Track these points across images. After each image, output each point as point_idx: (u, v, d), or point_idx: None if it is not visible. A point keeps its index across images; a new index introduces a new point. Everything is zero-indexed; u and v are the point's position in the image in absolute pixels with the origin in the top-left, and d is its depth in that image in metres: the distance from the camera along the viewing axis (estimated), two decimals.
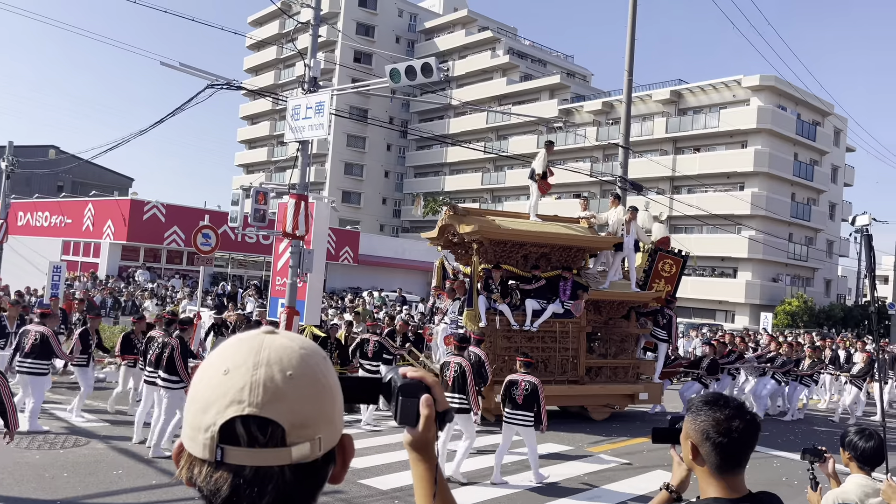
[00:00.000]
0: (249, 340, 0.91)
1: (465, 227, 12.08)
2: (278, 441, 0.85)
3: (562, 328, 12.50)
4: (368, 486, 7.91)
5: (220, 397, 0.85)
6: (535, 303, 12.30)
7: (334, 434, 0.92)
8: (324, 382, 0.90)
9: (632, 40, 21.45)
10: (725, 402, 1.95)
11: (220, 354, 0.91)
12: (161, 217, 29.33)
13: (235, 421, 0.84)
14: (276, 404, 0.85)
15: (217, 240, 14.88)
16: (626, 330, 13.63)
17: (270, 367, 0.87)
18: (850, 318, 41.25)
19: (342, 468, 0.95)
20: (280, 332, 0.94)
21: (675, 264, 14.91)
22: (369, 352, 12.13)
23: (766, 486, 1.97)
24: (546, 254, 12.91)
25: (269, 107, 62.60)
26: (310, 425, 0.87)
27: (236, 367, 0.87)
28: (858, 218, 4.63)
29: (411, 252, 39.87)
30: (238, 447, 0.84)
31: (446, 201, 13.07)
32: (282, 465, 0.85)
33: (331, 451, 0.91)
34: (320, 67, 14.17)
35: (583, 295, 12.51)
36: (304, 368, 0.89)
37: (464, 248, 13.33)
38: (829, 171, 47.96)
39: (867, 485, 3.58)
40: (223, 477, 0.84)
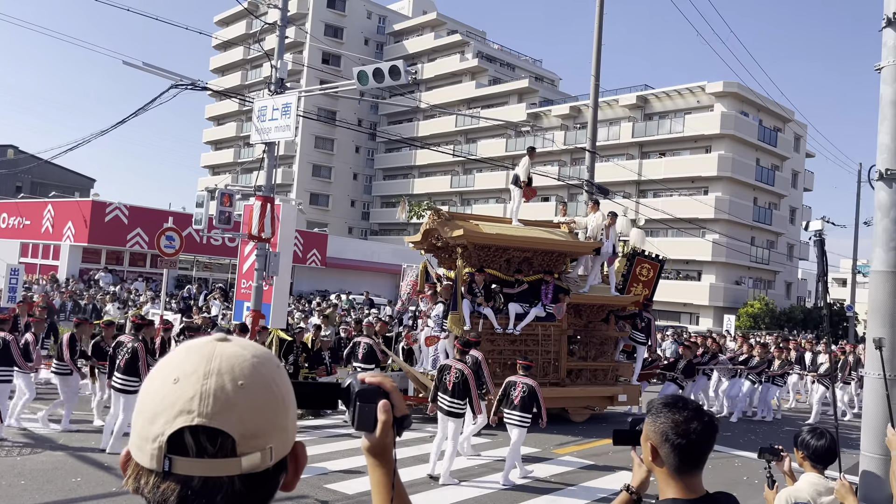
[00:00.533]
0: (200, 348, 0.89)
1: (451, 232, 12.17)
2: (228, 451, 0.84)
3: (544, 331, 12.69)
4: (334, 490, 7.86)
5: (168, 407, 0.84)
6: (518, 306, 12.46)
7: (286, 443, 0.91)
8: (276, 391, 0.89)
9: (598, 46, 21.70)
10: (684, 404, 1.98)
11: (169, 362, 0.89)
12: (124, 219, 28.79)
13: (184, 431, 0.83)
14: (227, 414, 0.83)
15: (181, 242, 14.66)
16: (605, 333, 13.84)
17: (221, 376, 0.85)
18: (809, 319, 42.21)
19: (294, 476, 0.94)
20: (233, 339, 0.92)
21: (652, 268, 15.20)
22: (360, 354, 12.23)
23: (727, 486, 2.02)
24: (528, 258, 13.09)
25: (235, 107, 61.89)
26: (261, 435, 0.86)
27: (186, 376, 0.85)
28: (812, 223, 4.75)
29: (380, 255, 39.75)
30: (186, 458, 0.83)
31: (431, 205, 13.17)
32: (231, 476, 0.84)
33: (282, 459, 0.90)
34: (287, 69, 14.07)
35: (564, 298, 12.68)
36: (256, 377, 0.87)
37: (447, 252, 13.42)
38: (789, 177, 49.07)
39: (820, 483, 3.66)
40: (171, 488, 0.83)
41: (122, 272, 29.90)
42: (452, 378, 8.80)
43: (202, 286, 28.32)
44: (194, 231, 16.92)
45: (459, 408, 8.72)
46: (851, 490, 3.54)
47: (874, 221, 4.27)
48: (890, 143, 4.15)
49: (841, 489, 3.53)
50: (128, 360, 8.79)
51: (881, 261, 4.16)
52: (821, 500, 3.58)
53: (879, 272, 4.16)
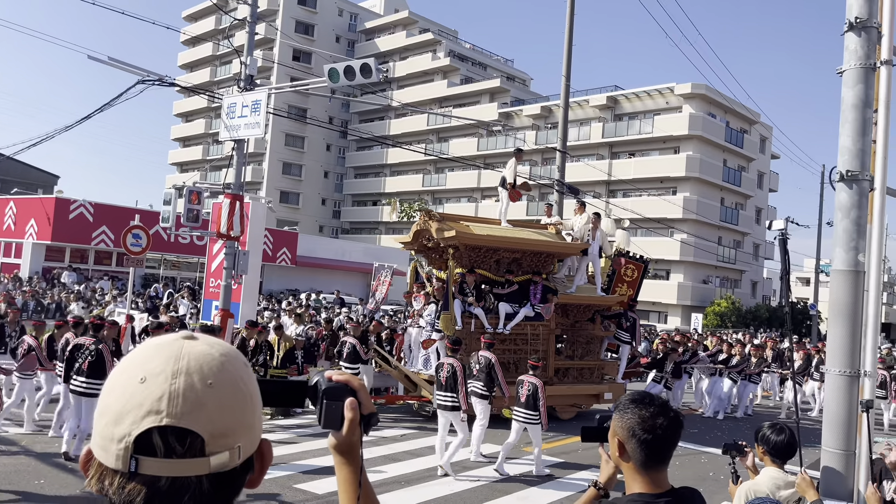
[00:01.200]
0: (168, 347, 0.88)
1: (443, 233, 12.34)
2: (197, 451, 0.83)
3: (532, 331, 12.90)
4: (304, 490, 7.81)
5: (135, 407, 0.83)
6: (508, 306, 12.67)
7: (253, 441, 0.91)
8: (244, 390, 0.89)
9: (569, 46, 21.85)
10: (651, 400, 2.02)
11: (134, 361, 0.87)
12: (89, 216, 28.23)
13: (152, 432, 0.82)
14: (196, 414, 0.83)
15: (148, 240, 14.44)
16: (591, 332, 14.10)
17: (190, 375, 0.84)
18: (774, 318, 43.04)
19: (260, 473, 0.94)
20: (199, 336, 0.91)
21: (636, 269, 15.43)
22: (345, 353, 12.33)
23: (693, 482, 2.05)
24: (518, 259, 13.28)
25: (204, 104, 61.06)
26: (229, 434, 0.85)
27: (154, 376, 0.84)
28: (775, 223, 4.85)
29: (351, 254, 39.55)
30: (154, 458, 0.82)
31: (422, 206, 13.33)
32: (200, 476, 0.83)
33: (249, 457, 0.90)
34: (257, 65, 13.92)
35: (552, 299, 12.90)
36: (225, 376, 0.87)
37: (438, 253, 13.55)
38: (755, 177, 49.96)
39: (779, 477, 3.74)
40: (136, 488, 0.82)
41: (87, 271, 29.34)
42: (445, 373, 9.22)
43: (169, 285, 27.90)
44: (162, 229, 16.66)
45: (452, 400, 9.09)
46: (812, 484, 3.62)
47: (835, 222, 4.37)
48: (850, 145, 4.25)
49: (802, 483, 3.61)
50: (91, 362, 8.58)
51: (841, 260, 4.26)
52: (779, 494, 3.66)
53: (840, 271, 4.26)
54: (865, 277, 4.18)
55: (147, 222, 16.88)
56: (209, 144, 62.51)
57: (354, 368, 12.26)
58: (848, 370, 4.15)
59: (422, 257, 14.28)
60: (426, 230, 12.84)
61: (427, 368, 12.88)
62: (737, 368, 15.72)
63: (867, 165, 4.23)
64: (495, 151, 51.41)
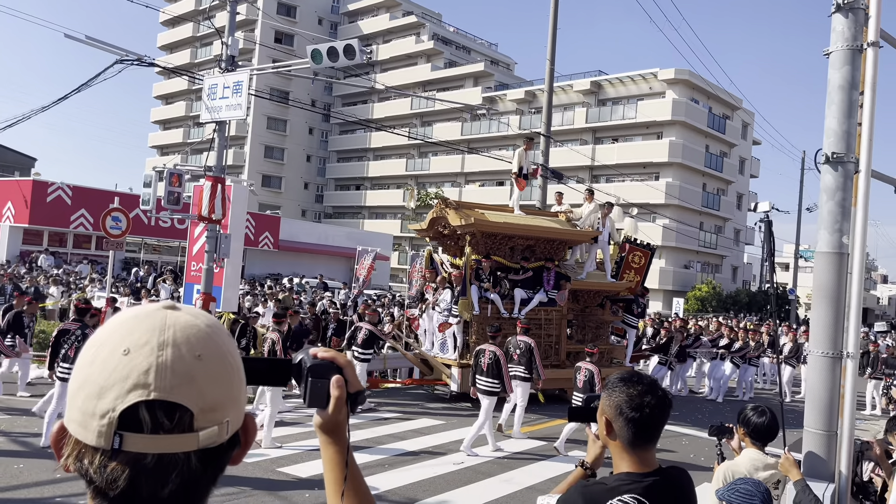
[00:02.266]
0: (150, 317, 0.83)
1: (461, 220, 12.68)
2: (185, 426, 0.79)
3: (546, 316, 13.30)
4: (287, 473, 7.79)
5: (120, 380, 0.77)
6: (523, 292, 13.05)
7: (240, 415, 0.87)
8: (231, 362, 0.85)
9: (554, 30, 21.74)
10: (639, 379, 2.01)
11: (116, 331, 0.82)
12: (67, 199, 27.82)
13: (139, 406, 0.77)
14: (186, 388, 0.79)
15: (128, 223, 14.24)
16: (600, 317, 14.58)
17: (178, 347, 0.80)
18: (753, 302, 43.52)
19: (244, 449, 0.90)
20: (182, 307, 0.87)
21: (643, 256, 15.91)
22: (360, 339, 12.36)
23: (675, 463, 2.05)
24: (531, 246, 13.64)
25: (184, 86, 60.26)
26: (218, 408, 0.82)
27: (138, 347, 0.79)
28: (760, 204, 4.90)
29: (334, 238, 39.38)
30: (140, 434, 0.77)
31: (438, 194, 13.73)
32: (188, 452, 0.79)
33: (237, 433, 0.86)
34: (239, 46, 13.71)
35: (565, 285, 13.35)
36: (213, 348, 0.83)
37: (453, 240, 13.90)
38: (737, 163, 50.28)
39: (758, 458, 3.77)
40: (120, 467, 0.77)
41: (66, 254, 28.96)
42: (486, 360, 9.62)
43: (151, 269, 27.62)
44: (142, 212, 16.43)
45: (494, 386, 9.54)
46: (795, 464, 3.65)
47: (819, 204, 4.37)
48: (836, 127, 4.25)
49: (785, 463, 3.64)
50: (78, 348, 8.45)
51: (826, 242, 4.27)
52: (757, 475, 3.69)
53: (824, 253, 4.27)
54: (849, 259, 4.20)
55: (127, 205, 16.63)
56: (190, 127, 61.72)
57: (369, 353, 12.39)
58: (831, 351, 4.17)
59: (436, 244, 14.58)
60: (442, 217, 13.18)
61: (443, 352, 13.28)
62: (740, 353, 16.16)
63: (852, 148, 4.23)
64: (479, 136, 51.27)
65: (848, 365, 4.10)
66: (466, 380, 12.47)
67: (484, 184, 51.88)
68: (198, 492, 0.83)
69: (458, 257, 13.75)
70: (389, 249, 41.87)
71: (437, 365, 13.02)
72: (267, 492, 7.14)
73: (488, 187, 51.12)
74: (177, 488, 0.79)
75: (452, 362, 12.90)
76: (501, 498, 7.60)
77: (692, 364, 16.69)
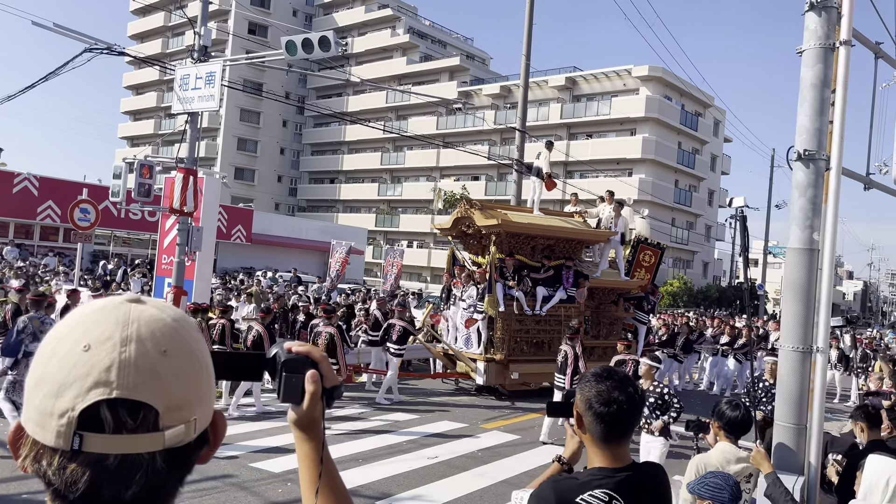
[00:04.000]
0: (113, 311, 0.79)
1: (487, 221, 13.29)
2: (150, 425, 0.75)
3: (565, 312, 13.82)
4: (260, 469, 7.72)
5: (80, 378, 0.74)
6: (544, 290, 13.65)
7: (208, 413, 0.84)
8: (199, 358, 0.82)
9: (529, 26, 21.77)
10: (610, 374, 2.01)
11: (76, 326, 0.78)
12: (34, 190, 27.20)
13: (100, 405, 0.73)
14: (150, 385, 0.75)
15: (97, 215, 13.98)
16: (614, 314, 15.13)
17: (142, 342, 0.76)
18: (724, 297, 44.17)
19: (213, 447, 0.87)
20: (147, 300, 0.83)
21: (654, 255, 16.39)
22: (394, 336, 12.56)
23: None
24: (551, 245, 14.22)
25: (156, 76, 59.33)
26: (185, 406, 0.78)
27: (100, 343, 0.75)
28: (735, 199, 4.93)
29: (308, 232, 39.04)
30: (101, 434, 0.73)
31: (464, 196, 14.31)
32: (153, 452, 0.76)
33: (204, 431, 0.83)
34: (212, 37, 13.51)
35: (584, 283, 13.99)
36: (180, 343, 0.79)
37: (476, 239, 14.46)
38: (708, 160, 50.90)
39: (730, 451, 3.82)
40: (80, 468, 0.73)
41: (33, 247, 28.35)
42: (561, 358, 10.34)
43: (121, 262, 27.15)
44: (111, 204, 16.16)
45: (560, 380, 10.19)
46: (767, 457, 3.70)
47: (791, 200, 4.43)
48: (808, 124, 4.30)
49: (757, 456, 3.68)
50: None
51: (797, 238, 4.32)
52: (729, 468, 3.74)
53: (795, 249, 4.32)
54: (820, 255, 4.26)
55: (96, 197, 16.32)
56: (161, 118, 60.75)
57: (403, 349, 12.62)
58: (801, 346, 4.23)
59: (459, 243, 15.05)
60: (467, 217, 13.77)
61: (468, 347, 13.67)
62: (742, 350, 16.60)
63: (824, 145, 4.29)
64: (455, 130, 51.22)
65: (817, 359, 4.17)
66: (492, 373, 13.12)
67: (459, 178, 51.90)
68: (163, 493, 0.79)
69: (479, 255, 14.36)
70: (364, 243, 41.68)
71: (463, 359, 13.50)
72: (240, 487, 7.07)
73: (464, 182, 51.17)
74: (141, 490, 0.76)
75: (478, 357, 13.32)
76: (476, 492, 7.61)
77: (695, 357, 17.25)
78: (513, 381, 13.21)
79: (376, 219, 54.94)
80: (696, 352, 17.01)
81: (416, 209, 54.34)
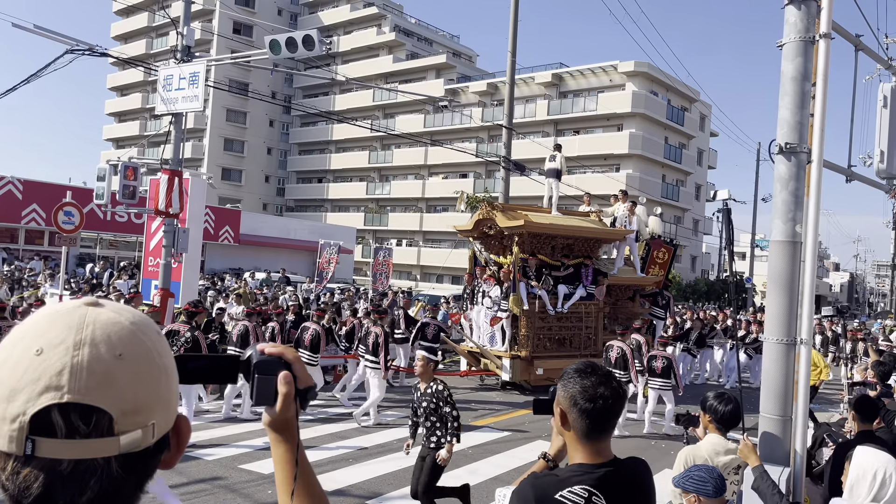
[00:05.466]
0: (68, 314, 0.78)
1: (510, 222, 13.70)
2: (104, 430, 0.74)
3: (585, 309, 14.41)
4: (249, 470, 7.69)
5: (31, 382, 0.73)
6: (565, 287, 14.08)
7: (169, 417, 0.82)
8: (159, 362, 0.80)
9: (515, 23, 21.78)
10: (594, 370, 2.00)
11: (30, 330, 0.77)
12: (17, 194, 26.95)
13: (52, 409, 0.72)
14: (103, 390, 0.74)
15: (81, 218, 13.86)
16: (630, 309, 15.59)
17: (96, 346, 0.75)
18: (712, 291, 44.42)
19: (177, 452, 0.86)
20: (105, 303, 0.82)
21: (667, 252, 16.85)
22: (430, 335, 12.84)
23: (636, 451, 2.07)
24: (570, 244, 14.69)
25: (140, 77, 58.85)
26: (142, 411, 0.77)
27: (52, 347, 0.74)
28: (719, 192, 4.98)
29: (296, 232, 38.92)
30: (54, 439, 0.72)
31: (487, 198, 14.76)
32: (108, 457, 0.75)
33: (164, 436, 0.82)
34: (195, 37, 13.43)
35: (603, 280, 14.47)
36: (137, 347, 0.78)
37: (497, 240, 14.79)
38: (695, 155, 51.12)
39: (719, 444, 3.84)
40: (33, 474, 0.73)
41: (18, 251, 28.10)
42: (614, 354, 10.70)
43: (107, 264, 26.96)
44: (97, 207, 16.02)
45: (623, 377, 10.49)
46: (754, 450, 3.72)
47: (773, 194, 4.45)
48: (790, 117, 4.32)
49: (744, 449, 3.70)
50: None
51: (780, 231, 4.34)
52: (718, 460, 3.76)
53: (778, 242, 4.35)
54: (802, 248, 4.28)
55: (81, 200, 16.20)
56: (146, 120, 60.33)
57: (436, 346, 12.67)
58: (785, 338, 4.25)
59: (479, 243, 15.32)
60: (489, 219, 14.16)
61: (492, 345, 14.08)
62: (753, 345, 16.83)
63: (805, 138, 4.31)
64: (442, 128, 51.17)
65: (801, 351, 4.19)
66: (517, 369, 13.50)
67: (447, 176, 51.88)
68: (120, 499, 0.78)
69: (500, 255, 14.65)
70: (353, 243, 41.59)
71: (489, 356, 13.84)
72: (229, 489, 7.04)
73: (452, 179, 51.14)
74: (96, 496, 0.75)
75: (503, 353, 13.71)
76: None
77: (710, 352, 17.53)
78: (537, 376, 13.50)
79: (365, 217, 54.83)
80: (710, 346, 17.35)
81: (404, 207, 54.29)
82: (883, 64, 5.62)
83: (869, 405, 4.53)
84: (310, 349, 11.06)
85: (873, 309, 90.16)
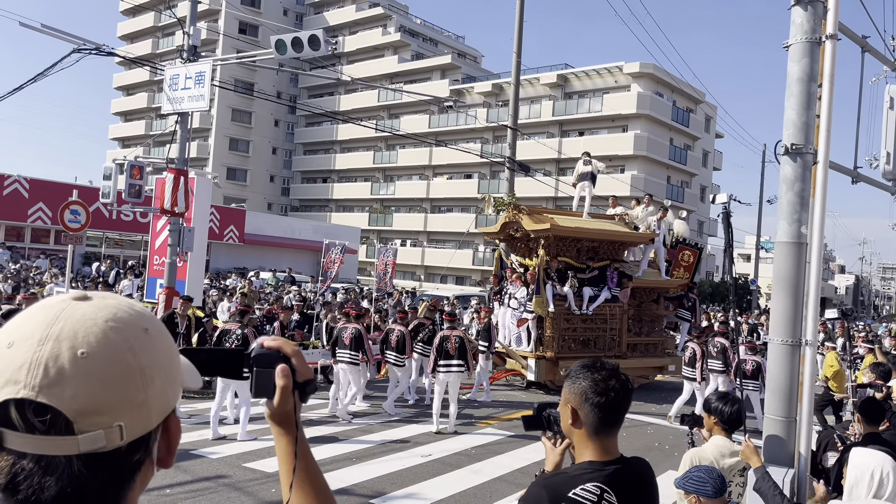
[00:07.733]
0: (47, 309, 0.78)
1: (537, 225, 13.87)
2: (61, 429, 0.73)
3: (609, 311, 14.55)
4: (253, 469, 7.71)
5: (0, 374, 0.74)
6: (590, 290, 14.32)
7: (144, 419, 0.80)
8: (131, 362, 0.78)
9: (520, 23, 21.77)
10: (602, 364, 2.01)
11: (13, 323, 0.78)
12: (24, 192, 27.06)
13: (9, 404, 0.72)
14: (56, 388, 0.73)
15: (87, 217, 13.87)
16: (655, 312, 15.81)
17: (59, 343, 0.74)
18: (717, 293, 44.28)
19: (167, 453, 0.85)
20: (93, 296, 0.81)
21: (693, 255, 17.02)
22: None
23: (640, 452, 2.07)
24: (595, 247, 14.89)
25: (146, 77, 59.00)
26: (105, 412, 0.75)
27: (22, 341, 0.74)
28: (718, 196, 4.97)
29: (301, 231, 38.97)
30: (16, 432, 0.73)
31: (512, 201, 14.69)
32: (69, 455, 0.74)
33: (143, 437, 0.80)
34: (202, 37, 13.46)
35: (627, 283, 14.57)
36: (105, 346, 0.76)
37: (522, 242, 15.00)
38: (700, 156, 51.00)
39: (724, 445, 3.83)
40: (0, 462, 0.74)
41: (24, 249, 28.22)
42: (689, 354, 11.66)
43: (113, 263, 27.04)
44: (102, 205, 16.08)
45: (691, 373, 11.54)
46: (756, 451, 3.71)
47: (779, 194, 4.44)
48: (795, 118, 4.31)
49: (746, 450, 3.69)
50: None
51: (785, 232, 4.33)
52: (723, 462, 3.75)
53: (783, 243, 4.34)
54: (807, 249, 4.27)
55: (87, 199, 16.19)
56: (152, 119, 60.46)
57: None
58: (790, 339, 4.24)
59: (505, 246, 15.55)
60: (515, 222, 14.34)
61: (518, 345, 14.22)
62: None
63: (811, 139, 4.30)
64: (447, 128, 51.17)
65: (806, 352, 4.18)
66: (542, 370, 13.67)
67: (452, 176, 51.87)
68: (86, 498, 0.77)
69: (526, 258, 14.79)
70: (357, 243, 41.63)
71: (515, 357, 14.06)
72: (233, 488, 7.06)
73: (456, 180, 51.13)
74: (59, 493, 0.74)
75: (529, 354, 13.92)
76: (469, 489, 7.61)
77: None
78: (562, 377, 13.34)
79: (369, 218, 54.86)
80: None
81: (409, 208, 54.29)
82: (890, 65, 5.61)
83: (875, 407, 4.50)
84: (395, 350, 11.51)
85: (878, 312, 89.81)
